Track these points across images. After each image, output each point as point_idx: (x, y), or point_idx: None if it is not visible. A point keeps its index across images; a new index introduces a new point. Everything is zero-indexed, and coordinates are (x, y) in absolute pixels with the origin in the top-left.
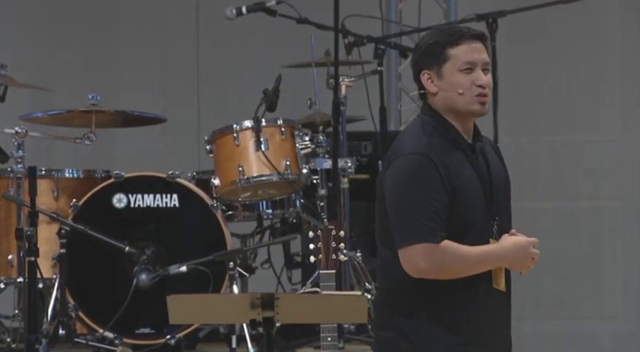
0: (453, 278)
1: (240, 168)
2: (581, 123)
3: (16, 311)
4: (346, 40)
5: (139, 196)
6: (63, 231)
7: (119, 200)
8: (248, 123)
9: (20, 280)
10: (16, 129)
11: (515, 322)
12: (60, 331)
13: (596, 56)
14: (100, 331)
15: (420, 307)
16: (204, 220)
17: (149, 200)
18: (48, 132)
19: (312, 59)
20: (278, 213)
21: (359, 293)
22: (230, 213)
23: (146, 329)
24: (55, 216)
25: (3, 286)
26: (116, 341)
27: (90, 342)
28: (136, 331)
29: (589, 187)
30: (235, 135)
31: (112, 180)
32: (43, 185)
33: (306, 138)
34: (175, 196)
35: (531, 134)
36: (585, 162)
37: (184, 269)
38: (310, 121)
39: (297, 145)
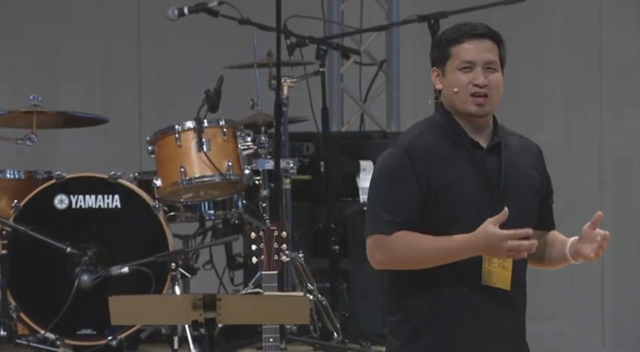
0: (418, 271)
1: (182, 169)
2: (526, 124)
3: None
4: (288, 41)
5: (80, 197)
6: (4, 232)
7: (61, 201)
8: (190, 124)
9: None
10: None
11: None
12: (1, 332)
13: (539, 57)
14: (42, 332)
15: (398, 303)
16: (146, 221)
17: (91, 201)
18: None
19: (254, 60)
20: (220, 214)
21: (301, 294)
22: (172, 213)
23: (88, 330)
24: None
25: None
26: (58, 342)
27: (31, 343)
28: (78, 332)
29: None
30: (177, 135)
31: (53, 180)
32: None
33: (249, 139)
34: (117, 197)
35: None
36: None
37: (126, 270)
38: (252, 122)
39: (240, 146)
